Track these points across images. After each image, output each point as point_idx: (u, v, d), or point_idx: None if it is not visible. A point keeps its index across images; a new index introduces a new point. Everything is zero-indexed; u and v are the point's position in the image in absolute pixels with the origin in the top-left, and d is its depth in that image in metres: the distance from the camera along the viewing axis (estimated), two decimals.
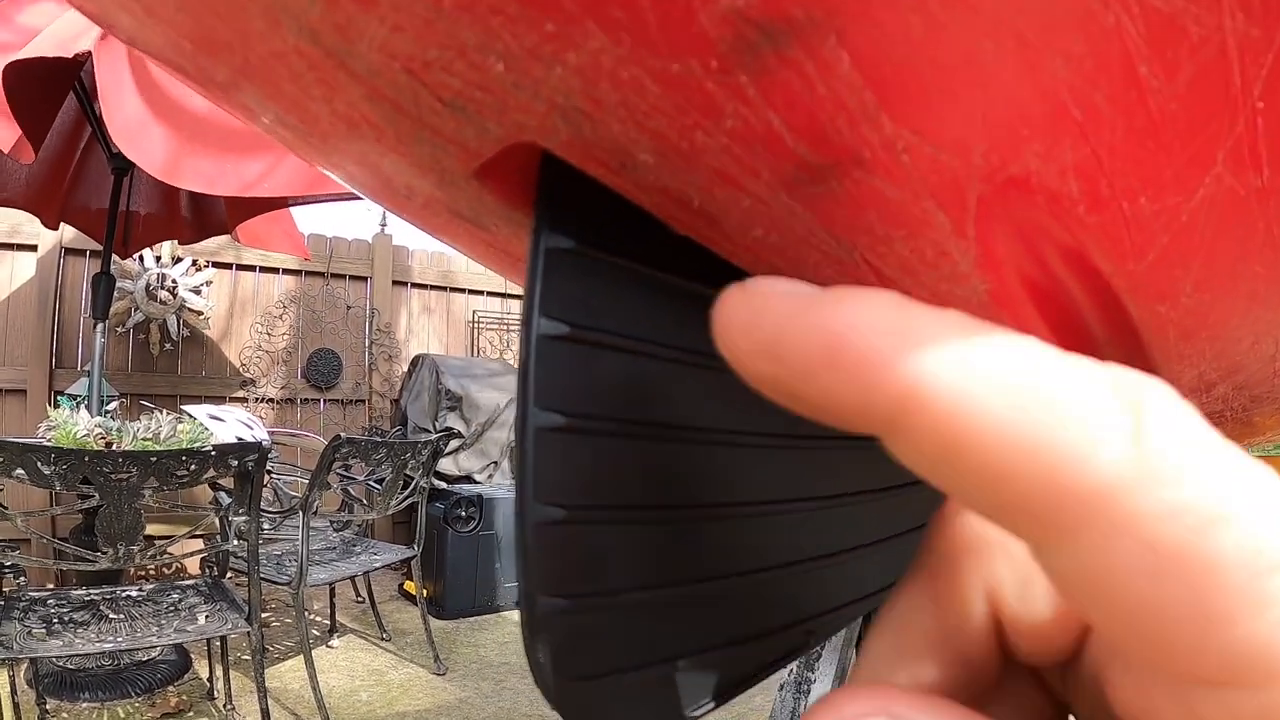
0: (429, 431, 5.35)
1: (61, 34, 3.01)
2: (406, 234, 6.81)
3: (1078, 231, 0.27)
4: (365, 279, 6.24)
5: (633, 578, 0.25)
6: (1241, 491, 0.15)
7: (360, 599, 4.84)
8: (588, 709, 0.23)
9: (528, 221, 0.24)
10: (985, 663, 0.22)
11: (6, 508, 2.37)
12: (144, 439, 3.04)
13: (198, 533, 2.99)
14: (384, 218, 6.31)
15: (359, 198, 3.69)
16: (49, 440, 2.90)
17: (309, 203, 4.04)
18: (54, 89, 3.09)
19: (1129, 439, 0.15)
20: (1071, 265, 0.29)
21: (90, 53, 2.92)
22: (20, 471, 2.26)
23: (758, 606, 0.30)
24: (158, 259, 5.16)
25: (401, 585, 5.22)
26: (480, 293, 6.81)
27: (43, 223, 4.24)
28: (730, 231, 0.26)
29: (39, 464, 2.26)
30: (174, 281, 5.15)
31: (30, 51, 2.83)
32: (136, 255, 4.96)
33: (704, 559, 0.28)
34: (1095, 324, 0.37)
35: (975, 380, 0.16)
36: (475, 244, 0.34)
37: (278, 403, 5.73)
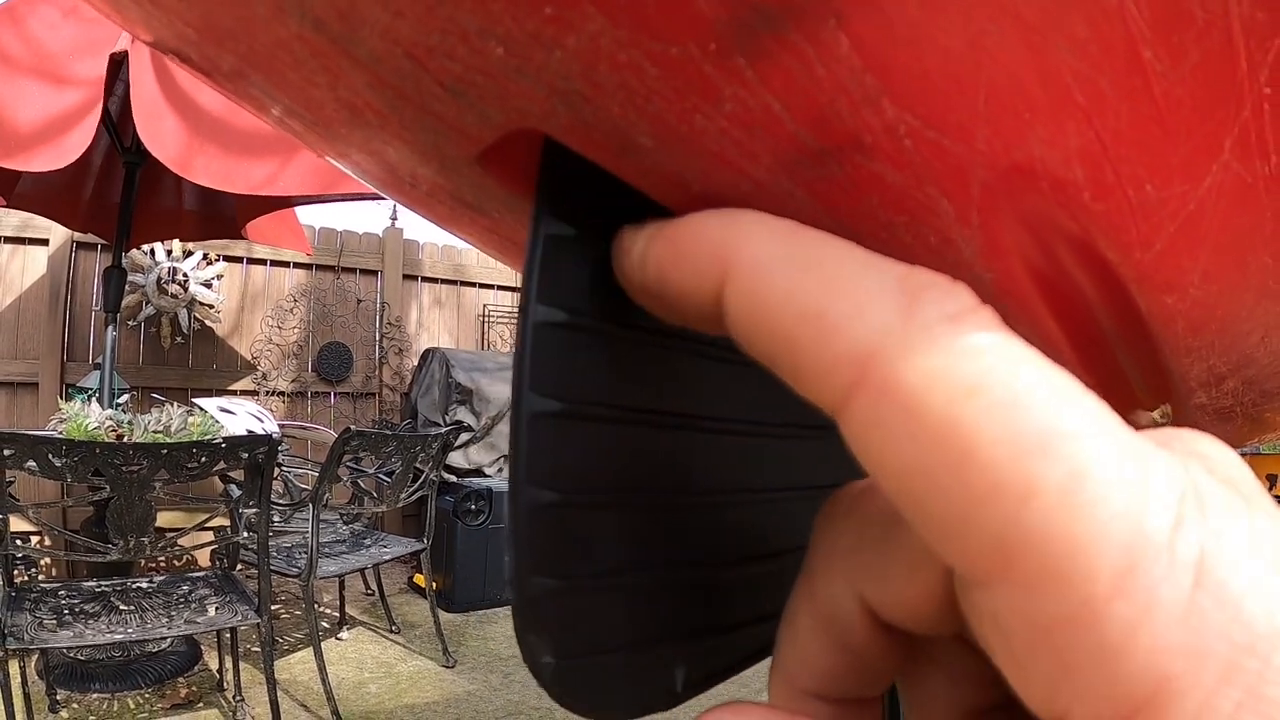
0: (439, 425, 5.35)
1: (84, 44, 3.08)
2: (417, 228, 6.81)
3: (1083, 219, 0.26)
4: (376, 273, 6.25)
5: (624, 560, 0.25)
6: (1003, 370, 0.16)
7: (370, 592, 4.85)
8: (578, 689, 0.24)
9: (530, 208, 0.24)
10: (868, 646, 0.23)
11: (18, 499, 2.38)
12: (155, 432, 3.05)
13: (208, 525, 3.00)
14: (394, 211, 6.32)
15: (364, 198, 3.71)
16: (60, 433, 2.92)
17: (317, 202, 4.06)
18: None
19: (895, 312, 0.17)
20: (1078, 254, 0.29)
21: (126, 52, 2.97)
22: (32, 463, 2.28)
23: (748, 593, 0.31)
24: (169, 253, 5.17)
25: (411, 578, 5.24)
26: (491, 286, 6.82)
27: (66, 226, 4.28)
28: None
29: (50, 456, 2.28)
30: (185, 275, 5.16)
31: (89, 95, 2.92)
32: (148, 249, 4.99)
33: (695, 545, 0.28)
34: (1103, 316, 0.37)
35: (775, 258, 0.19)
36: (480, 232, 0.34)
37: (288, 396, 5.75)
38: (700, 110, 0.21)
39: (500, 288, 6.85)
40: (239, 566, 3.24)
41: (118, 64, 3.14)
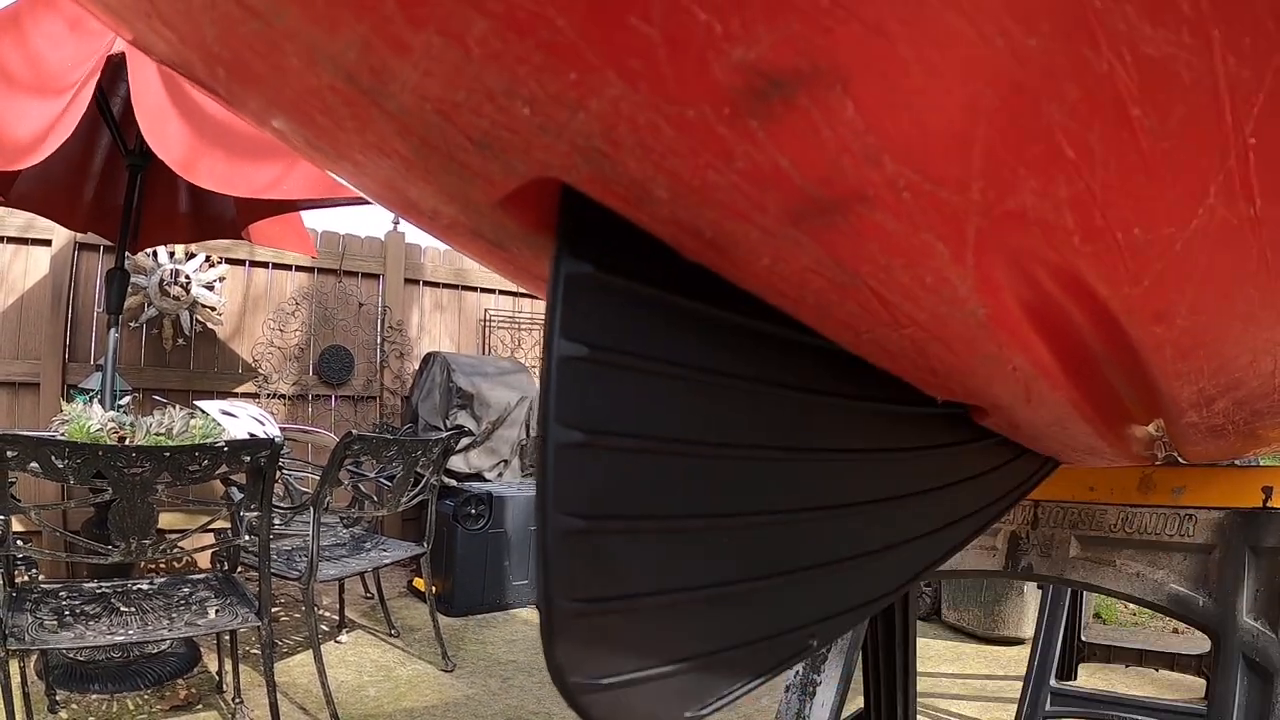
0: (440, 429, 5.36)
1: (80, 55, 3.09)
2: (419, 233, 6.80)
3: (1073, 259, 0.28)
4: (378, 276, 6.26)
5: (649, 582, 0.27)
6: None
7: (369, 595, 4.86)
8: (603, 708, 0.25)
9: (548, 245, 0.26)
10: None
11: (19, 500, 2.38)
12: (157, 434, 3.05)
13: (209, 528, 3.00)
14: (396, 216, 6.30)
15: (370, 202, 3.72)
16: (62, 434, 2.92)
17: (320, 206, 4.07)
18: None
19: None
20: (1069, 289, 0.30)
21: (124, 54, 2.98)
22: (35, 465, 2.28)
23: (765, 611, 0.31)
24: (171, 255, 5.17)
25: (410, 582, 5.24)
26: (492, 291, 6.82)
27: (67, 226, 4.28)
28: (739, 260, 0.27)
29: (53, 458, 2.28)
30: (187, 278, 5.16)
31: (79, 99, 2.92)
32: (150, 251, 4.99)
33: (715, 566, 0.29)
34: (1095, 343, 0.38)
35: None
36: (498, 263, 0.36)
37: (289, 399, 5.75)
38: (714, 167, 0.22)
39: (502, 292, 6.85)
40: (239, 569, 3.25)
41: (118, 66, 3.14)
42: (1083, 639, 3.30)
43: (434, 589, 4.16)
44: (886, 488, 0.40)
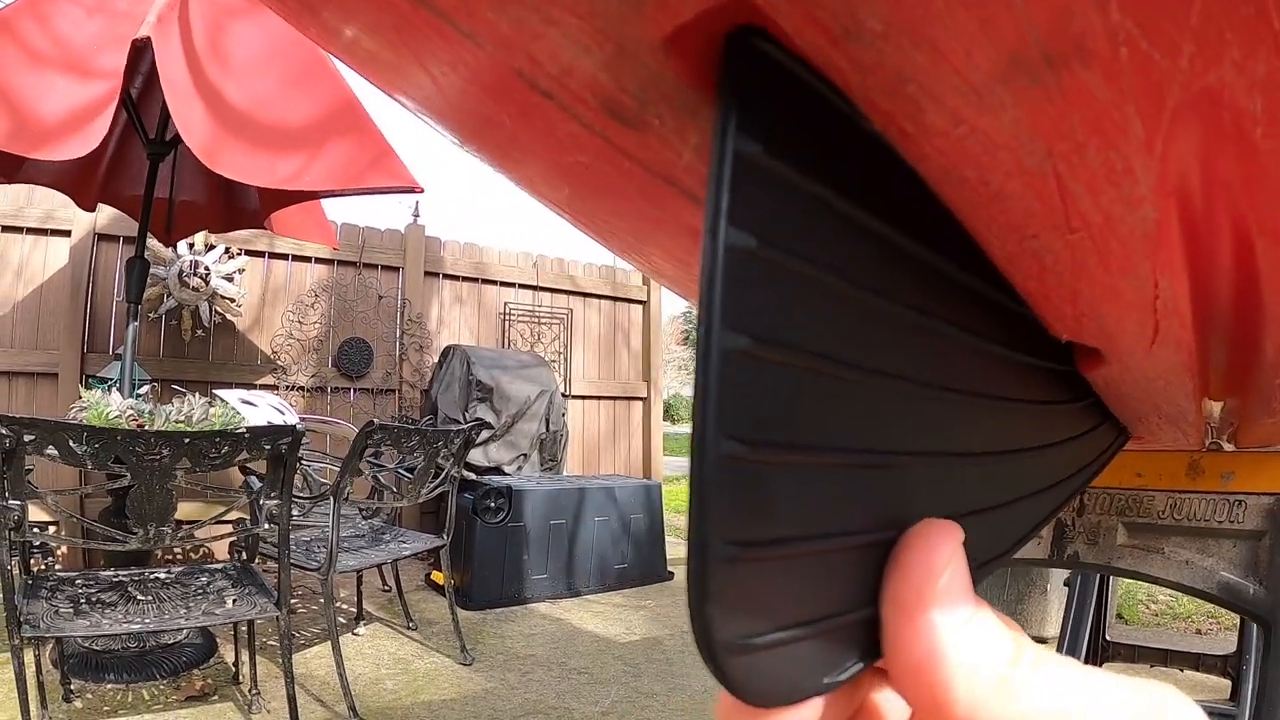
0: (459, 422, 5.36)
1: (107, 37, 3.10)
2: (439, 224, 6.85)
3: (1247, 163, 0.25)
4: (397, 269, 6.27)
5: (807, 525, 0.24)
6: None
7: (387, 588, 4.84)
8: (749, 671, 0.22)
9: (704, 110, 0.23)
10: None
11: (36, 487, 2.36)
12: (176, 421, 3.05)
13: (227, 518, 2.98)
14: (416, 208, 6.32)
15: (392, 190, 3.69)
16: (81, 420, 2.90)
17: (342, 195, 4.06)
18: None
19: None
20: (1227, 213, 0.28)
21: (150, 38, 2.97)
22: (52, 450, 2.26)
23: None
24: (190, 246, 5.19)
25: (429, 575, 5.23)
26: (512, 285, 6.83)
27: (78, 204, 4.26)
28: (931, 128, 0.23)
29: (71, 442, 2.26)
30: (206, 269, 5.17)
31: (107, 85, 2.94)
32: (173, 244, 5.00)
33: (875, 510, 0.27)
34: (1225, 291, 0.36)
35: None
36: (610, 160, 0.30)
37: (308, 391, 5.75)
38: None
39: (522, 286, 6.86)
40: (258, 559, 3.23)
41: (140, 50, 3.13)
42: (1107, 638, 3.26)
43: (453, 582, 4.13)
44: (1009, 440, 0.39)
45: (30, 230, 4.94)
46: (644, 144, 0.28)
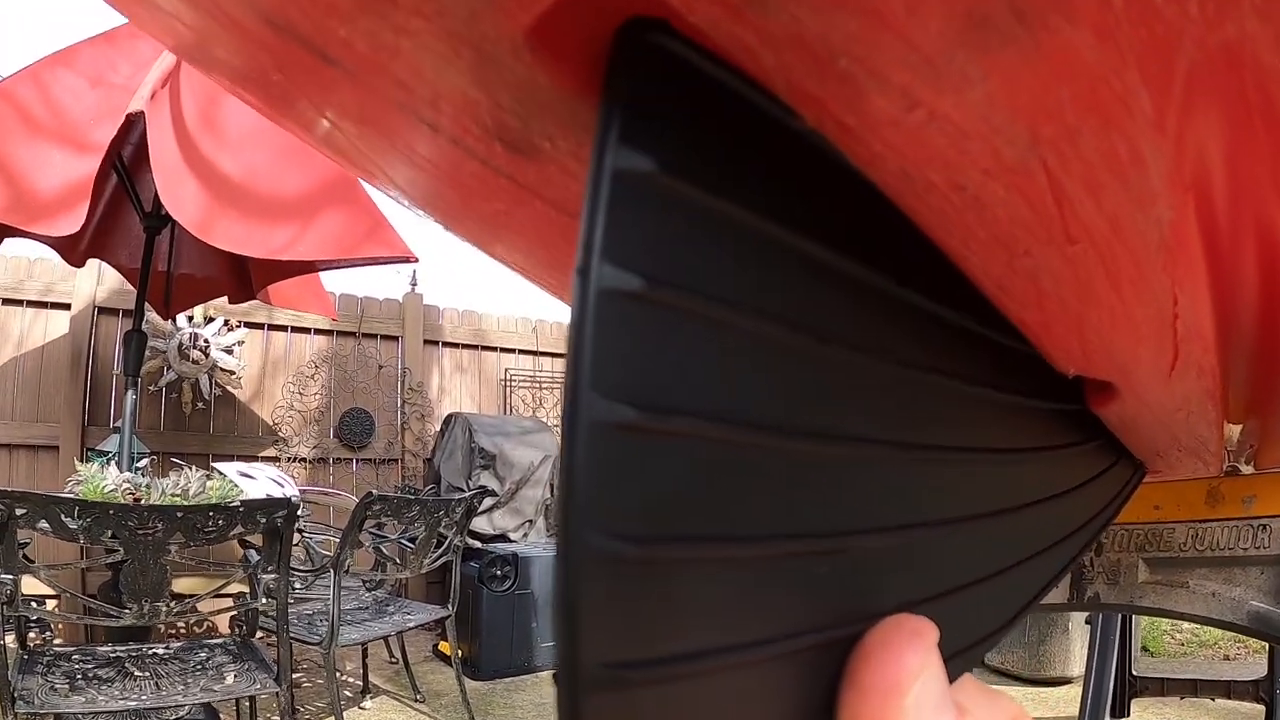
0: (463, 490, 5.31)
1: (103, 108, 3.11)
2: (437, 293, 6.86)
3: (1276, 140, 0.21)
4: (396, 338, 6.26)
5: (721, 634, 0.19)
6: None
7: (394, 659, 4.77)
8: None
9: (594, 124, 0.17)
10: None
11: (32, 561, 2.33)
12: (173, 495, 3.01)
13: (227, 591, 2.93)
14: (414, 277, 6.34)
15: (384, 261, 3.70)
16: (76, 494, 2.87)
17: (336, 267, 4.06)
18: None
19: None
20: (1253, 211, 0.25)
21: (143, 112, 2.97)
22: (44, 524, 2.23)
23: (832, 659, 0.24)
24: (189, 319, 5.20)
25: (436, 645, 5.16)
26: (512, 351, 6.82)
27: (66, 260, 4.26)
28: (878, 116, 0.19)
29: (63, 516, 2.23)
30: (206, 341, 5.18)
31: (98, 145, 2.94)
32: (171, 317, 5.01)
33: (823, 605, 0.22)
34: (1251, 305, 0.33)
35: None
36: (524, 203, 0.26)
37: (310, 462, 5.72)
38: None
39: (522, 351, 6.85)
40: (259, 634, 3.17)
41: (133, 123, 3.14)
42: (1134, 673, 3.19)
43: (460, 652, 4.07)
44: (1003, 498, 0.34)
45: (30, 303, 4.95)
46: (545, 176, 0.24)
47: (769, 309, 0.19)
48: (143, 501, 2.83)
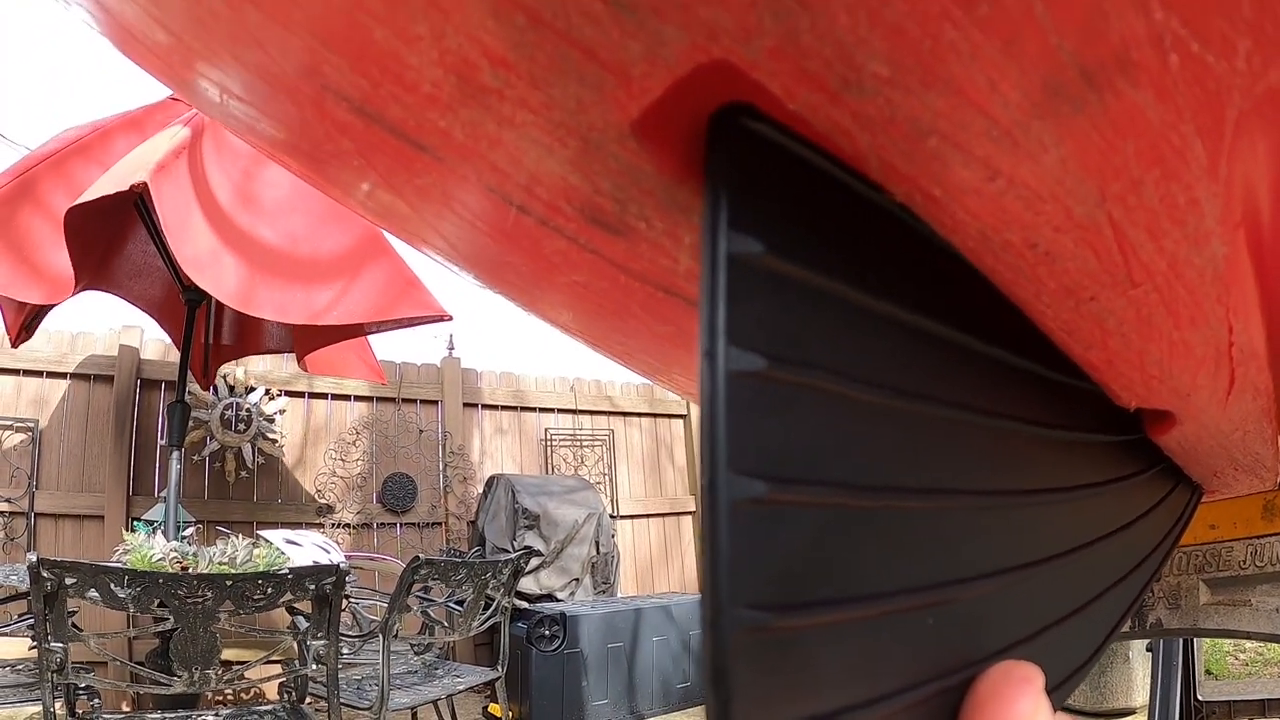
0: (507, 551, 5.31)
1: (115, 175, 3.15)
2: (475, 356, 6.92)
3: None
4: (436, 402, 6.29)
5: (850, 693, 0.20)
6: None
7: None
8: None
9: (696, 205, 0.19)
10: None
11: (81, 630, 2.33)
12: (220, 563, 3.02)
13: (276, 658, 2.92)
14: (451, 341, 6.38)
15: (426, 321, 3.72)
16: (124, 564, 2.88)
17: (376, 331, 4.08)
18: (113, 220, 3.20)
19: None
20: None
21: (146, 183, 2.98)
22: (94, 593, 2.23)
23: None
24: (231, 389, 5.27)
25: (486, 708, 5.12)
26: (551, 410, 6.84)
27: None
28: (963, 184, 0.20)
29: (113, 586, 2.23)
30: (248, 411, 5.24)
31: (88, 195, 2.97)
32: (211, 386, 5.06)
33: (937, 655, 0.23)
34: None
35: None
36: (606, 274, 0.26)
37: (354, 528, 5.73)
38: (950, 15, 0.15)
39: (561, 410, 6.87)
40: (308, 699, 3.15)
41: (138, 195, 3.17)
42: (1199, 698, 3.11)
43: (510, 714, 4.03)
44: (1080, 534, 0.35)
45: (74, 375, 5.05)
46: (635, 252, 0.24)
47: (873, 375, 0.20)
48: (190, 570, 2.83)
